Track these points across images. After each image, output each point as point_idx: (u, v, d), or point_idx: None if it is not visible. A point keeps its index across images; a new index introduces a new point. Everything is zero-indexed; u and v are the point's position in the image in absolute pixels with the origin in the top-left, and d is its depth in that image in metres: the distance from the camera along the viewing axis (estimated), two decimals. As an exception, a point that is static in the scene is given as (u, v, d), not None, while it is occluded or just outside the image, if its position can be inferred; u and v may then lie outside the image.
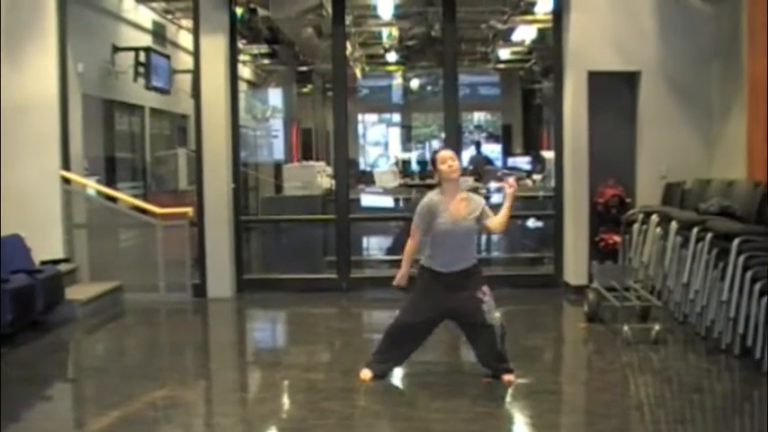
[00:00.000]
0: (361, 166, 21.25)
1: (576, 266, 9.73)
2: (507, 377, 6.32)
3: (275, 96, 17.62)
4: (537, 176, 13.71)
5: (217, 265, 9.96)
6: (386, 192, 13.18)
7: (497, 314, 6.34)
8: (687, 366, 6.97)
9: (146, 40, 12.23)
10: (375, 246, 13.03)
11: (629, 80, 9.79)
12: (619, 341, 7.43)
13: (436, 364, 6.93)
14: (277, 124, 17.14)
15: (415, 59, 17.91)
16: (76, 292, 9.02)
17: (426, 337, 6.56)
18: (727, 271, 6.86)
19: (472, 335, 6.41)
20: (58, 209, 9.47)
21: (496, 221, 6.31)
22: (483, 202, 6.42)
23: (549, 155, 11.92)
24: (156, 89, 12.05)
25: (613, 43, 9.58)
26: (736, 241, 6.86)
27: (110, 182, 11.02)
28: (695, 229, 7.57)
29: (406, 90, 22.54)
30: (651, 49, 9.59)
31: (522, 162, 17.21)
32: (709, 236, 7.31)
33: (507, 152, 21.15)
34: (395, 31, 15.58)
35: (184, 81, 12.71)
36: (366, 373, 6.42)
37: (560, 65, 10.02)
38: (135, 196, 10.90)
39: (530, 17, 13.35)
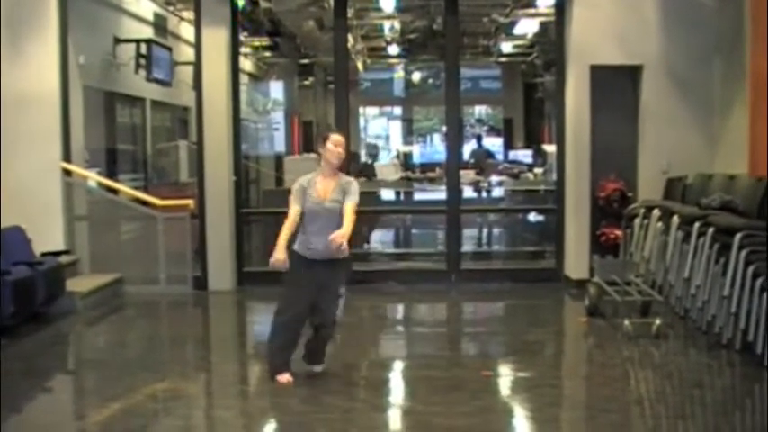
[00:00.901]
0: (362, 159, 21.20)
1: (577, 261, 9.72)
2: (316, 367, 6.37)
3: (276, 89, 17.61)
4: (538, 170, 13.70)
5: (217, 258, 9.95)
6: (387, 185, 13.18)
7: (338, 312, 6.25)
8: (688, 361, 6.97)
9: (147, 32, 12.21)
10: (375, 239, 13.04)
11: (631, 74, 9.77)
12: (619, 336, 7.42)
13: (436, 358, 6.92)
14: (278, 117, 17.14)
15: (417, 53, 17.88)
16: (77, 284, 9.02)
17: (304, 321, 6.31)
18: (729, 266, 6.85)
19: (317, 324, 6.24)
20: (58, 201, 9.46)
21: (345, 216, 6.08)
22: (352, 187, 6.19)
23: (550, 149, 11.91)
24: (158, 81, 12.04)
25: (616, 37, 9.56)
26: (737, 236, 6.85)
27: (111, 174, 11.01)
28: (697, 224, 7.55)
29: (408, 83, 22.52)
30: (654, 43, 9.58)
31: (524, 156, 17.19)
32: (710, 231, 7.30)
33: (508, 146, 21.14)
34: (397, 24, 15.56)
35: (186, 73, 12.69)
36: (286, 377, 6.20)
37: (562, 58, 10.01)
38: (136, 188, 10.89)
39: (532, 11, 13.33)
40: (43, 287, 8.14)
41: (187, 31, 12.72)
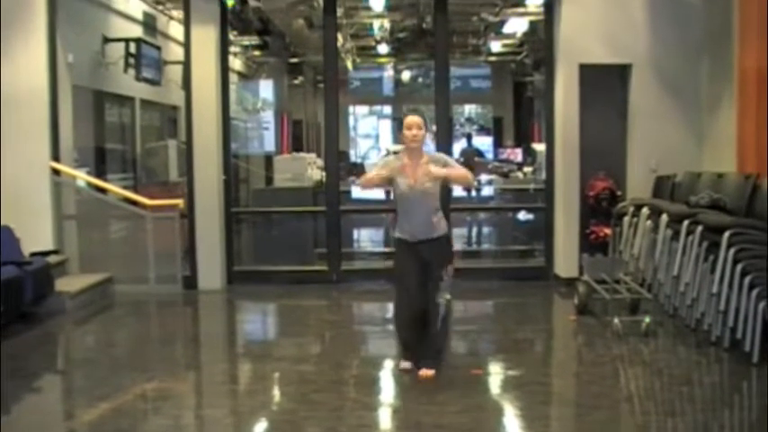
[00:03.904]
0: (352, 159, 21.23)
1: (566, 259, 9.75)
2: (423, 372, 6.29)
3: (266, 88, 17.52)
4: (528, 169, 13.72)
5: (207, 257, 9.94)
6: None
7: (448, 296, 6.35)
8: (677, 359, 6.98)
9: (136, 31, 12.17)
10: (365, 238, 13.04)
11: (620, 73, 9.80)
12: (609, 333, 7.45)
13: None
14: (268, 116, 17.06)
15: (407, 51, 17.88)
16: (66, 284, 8.99)
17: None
18: (718, 264, 6.86)
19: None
20: (47, 200, 9.42)
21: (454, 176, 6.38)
22: (446, 160, 6.44)
23: (540, 147, 11.94)
24: (147, 80, 12.00)
25: (604, 36, 9.59)
26: (726, 234, 6.86)
27: (100, 173, 10.97)
28: (685, 222, 7.56)
29: (398, 82, 22.50)
30: (642, 42, 9.60)
31: (513, 154, 17.20)
32: (699, 229, 7.31)
33: (498, 145, 21.16)
34: (386, 23, 15.56)
35: (175, 72, 12.66)
36: (405, 365, 6.44)
37: (552, 57, 10.02)
38: (125, 188, 10.86)
39: (521, 10, 13.34)
40: (32, 287, 8.12)
41: (176, 30, 12.69)
